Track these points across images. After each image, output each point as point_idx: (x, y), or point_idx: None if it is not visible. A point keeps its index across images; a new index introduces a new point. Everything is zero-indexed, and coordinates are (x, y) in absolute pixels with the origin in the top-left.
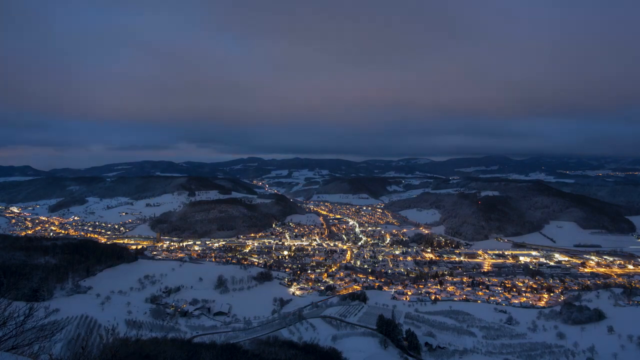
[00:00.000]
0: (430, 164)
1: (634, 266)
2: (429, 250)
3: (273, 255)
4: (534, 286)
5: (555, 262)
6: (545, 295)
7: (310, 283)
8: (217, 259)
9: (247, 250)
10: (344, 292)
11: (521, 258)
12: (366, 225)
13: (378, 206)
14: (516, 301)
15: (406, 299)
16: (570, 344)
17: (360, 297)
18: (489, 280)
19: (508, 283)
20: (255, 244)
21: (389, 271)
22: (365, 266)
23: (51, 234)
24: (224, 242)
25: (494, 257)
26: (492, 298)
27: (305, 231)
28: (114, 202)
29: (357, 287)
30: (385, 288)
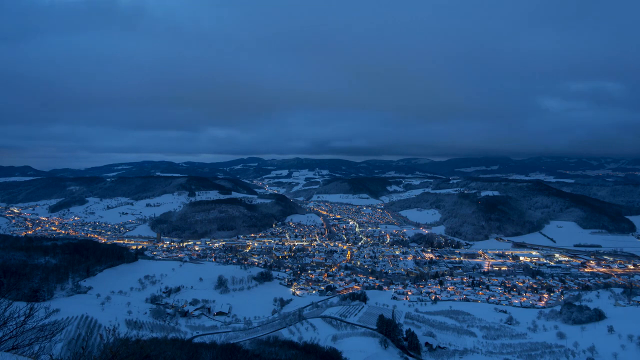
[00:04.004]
0: (430, 164)
1: (634, 266)
2: (429, 250)
3: (273, 255)
4: (534, 286)
5: (556, 262)
6: (546, 295)
7: (310, 283)
8: (217, 259)
9: (248, 251)
10: (344, 292)
11: (521, 258)
12: (366, 225)
13: (378, 206)
14: (516, 301)
15: (406, 299)
16: (570, 343)
17: (360, 297)
18: (489, 280)
19: (508, 283)
20: (256, 244)
21: (389, 271)
22: (366, 266)
23: (51, 234)
24: (224, 242)
25: (494, 257)
26: (492, 298)
27: (306, 231)
28: (114, 202)
29: (357, 287)
30: (386, 288)
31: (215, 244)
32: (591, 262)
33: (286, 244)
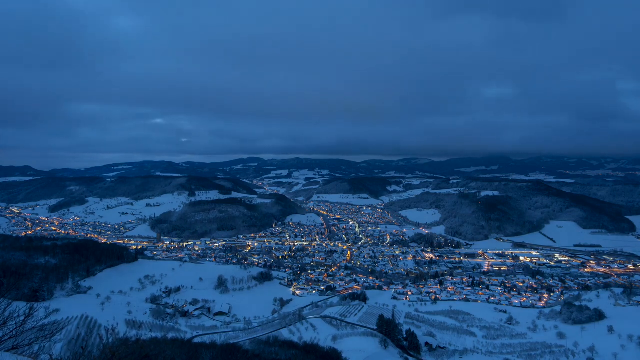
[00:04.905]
0: (430, 164)
1: (634, 266)
2: (429, 250)
3: (273, 255)
4: (534, 286)
5: (556, 262)
6: (546, 295)
7: (310, 283)
8: (217, 259)
9: (248, 251)
10: (344, 292)
11: (521, 258)
12: (366, 225)
13: (378, 206)
14: (516, 301)
15: (406, 299)
16: (570, 343)
17: (360, 297)
18: (489, 280)
19: (508, 283)
20: (256, 244)
21: (389, 271)
22: (366, 266)
23: (51, 234)
24: (224, 242)
25: (494, 257)
26: (492, 298)
27: (306, 231)
28: (114, 202)
29: (358, 287)
30: (386, 288)
31: (215, 244)
32: (591, 262)
33: (286, 244)
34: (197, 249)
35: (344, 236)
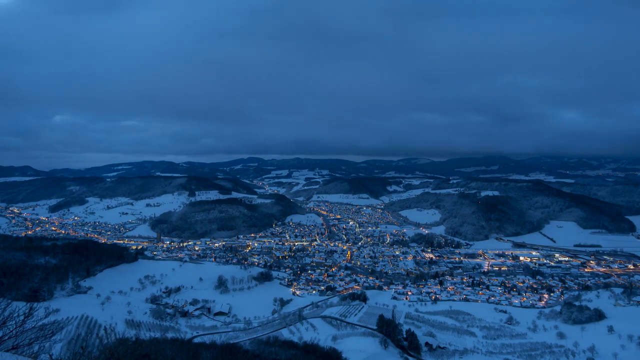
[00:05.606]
0: (430, 164)
1: (634, 266)
2: (429, 250)
3: (273, 255)
4: (534, 286)
5: (556, 262)
6: (546, 295)
7: (310, 283)
8: (217, 259)
9: (248, 251)
10: (344, 292)
11: (521, 258)
12: (366, 225)
13: (378, 206)
14: (516, 301)
15: (406, 299)
16: (570, 343)
17: (360, 297)
18: (489, 280)
19: (508, 283)
20: (256, 244)
21: (389, 271)
22: (366, 266)
23: (51, 234)
24: (224, 242)
25: (494, 257)
26: (492, 298)
27: (306, 231)
28: (114, 202)
29: (357, 287)
30: (386, 288)
31: (215, 244)
32: (591, 262)
33: (286, 244)
34: (197, 249)
35: (344, 236)
